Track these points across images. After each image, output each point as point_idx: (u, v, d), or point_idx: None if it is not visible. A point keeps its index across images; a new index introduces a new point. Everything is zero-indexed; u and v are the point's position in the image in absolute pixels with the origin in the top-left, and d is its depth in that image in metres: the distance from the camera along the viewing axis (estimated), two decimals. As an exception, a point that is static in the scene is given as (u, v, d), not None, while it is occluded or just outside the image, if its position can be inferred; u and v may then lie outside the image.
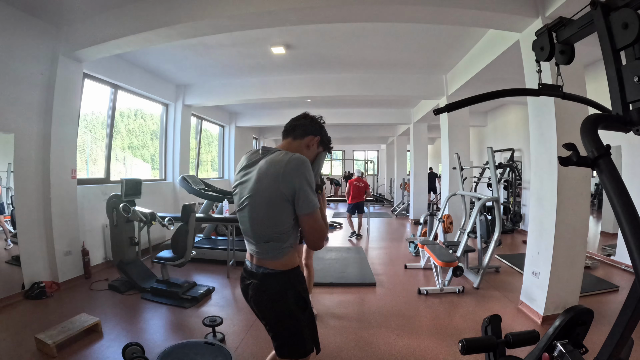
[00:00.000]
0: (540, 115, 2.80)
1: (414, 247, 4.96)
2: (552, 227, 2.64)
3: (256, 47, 4.30)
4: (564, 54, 1.12)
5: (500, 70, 3.98)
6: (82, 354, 2.25)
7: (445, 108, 1.05)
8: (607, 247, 4.81)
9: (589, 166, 0.73)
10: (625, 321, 0.79)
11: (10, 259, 3.17)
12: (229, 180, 8.80)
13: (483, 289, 3.50)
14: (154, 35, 3.17)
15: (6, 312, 2.87)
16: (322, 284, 3.68)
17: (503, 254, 4.86)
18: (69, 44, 3.44)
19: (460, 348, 1.07)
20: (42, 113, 3.41)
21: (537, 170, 2.88)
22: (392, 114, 8.41)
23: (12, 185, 3.16)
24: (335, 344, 2.40)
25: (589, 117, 0.77)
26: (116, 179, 4.61)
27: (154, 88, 5.35)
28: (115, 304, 3.11)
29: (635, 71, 0.75)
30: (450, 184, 5.37)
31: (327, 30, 3.75)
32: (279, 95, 5.73)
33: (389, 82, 5.42)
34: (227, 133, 8.92)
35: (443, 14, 2.78)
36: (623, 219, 0.65)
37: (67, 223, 3.64)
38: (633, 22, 0.74)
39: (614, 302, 3.12)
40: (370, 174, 15.89)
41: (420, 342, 2.43)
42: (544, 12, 2.62)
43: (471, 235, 3.88)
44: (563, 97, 1.10)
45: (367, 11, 2.78)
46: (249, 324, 2.71)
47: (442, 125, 5.54)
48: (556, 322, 1.00)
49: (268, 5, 2.75)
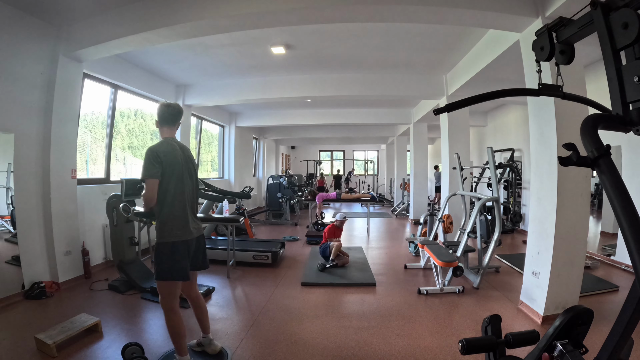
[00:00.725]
0: (540, 115, 2.80)
1: (414, 247, 4.96)
2: (552, 227, 2.64)
3: (256, 47, 4.30)
4: (564, 54, 1.12)
5: (500, 70, 3.98)
6: (82, 354, 2.25)
7: (445, 108, 1.05)
8: (607, 247, 4.81)
9: (589, 166, 0.73)
10: (625, 321, 0.79)
11: (10, 259, 3.17)
12: (228, 180, 8.81)
13: (483, 289, 3.50)
14: (154, 35, 3.17)
15: (6, 312, 2.87)
16: (322, 284, 3.68)
17: (503, 254, 4.86)
18: (69, 44, 3.44)
19: (460, 348, 1.07)
20: (42, 113, 3.41)
21: (537, 170, 2.88)
22: (392, 114, 8.41)
23: (12, 185, 3.16)
24: (335, 344, 2.40)
25: (589, 117, 0.77)
26: (116, 179, 4.61)
27: (154, 88, 5.35)
28: (115, 304, 3.11)
29: (635, 71, 0.75)
30: (450, 184, 5.37)
31: (327, 30, 3.75)
32: (279, 95, 5.73)
33: (389, 82, 5.42)
34: (227, 133, 8.93)
35: (443, 14, 2.78)
36: (623, 219, 0.65)
37: (67, 223, 3.64)
38: (633, 22, 0.74)
39: (614, 302, 3.12)
40: (370, 174, 15.90)
41: (420, 342, 2.43)
42: (544, 12, 2.62)
43: (471, 235, 3.88)
44: (563, 97, 1.10)
45: (367, 11, 2.78)
46: (249, 324, 2.72)
47: (442, 125, 5.53)
48: (556, 322, 1.00)
49: (268, 5, 2.75)
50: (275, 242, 4.93)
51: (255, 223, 7.78)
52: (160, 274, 1.93)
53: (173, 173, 1.94)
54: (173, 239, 1.93)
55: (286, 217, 8.04)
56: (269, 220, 8.13)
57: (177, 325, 1.95)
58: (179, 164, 1.98)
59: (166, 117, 2.05)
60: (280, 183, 8.31)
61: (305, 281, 3.72)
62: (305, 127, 10.38)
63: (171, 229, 1.93)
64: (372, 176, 15.70)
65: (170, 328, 1.96)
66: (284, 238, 5.90)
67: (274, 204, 8.37)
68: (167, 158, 1.92)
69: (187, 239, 1.98)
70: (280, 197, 8.10)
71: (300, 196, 8.58)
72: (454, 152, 4.92)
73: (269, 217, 8.45)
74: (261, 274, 4.04)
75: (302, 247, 5.47)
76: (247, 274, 4.01)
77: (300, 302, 3.19)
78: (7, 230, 3.19)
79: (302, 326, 2.69)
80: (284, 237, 6.02)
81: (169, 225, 1.93)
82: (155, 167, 1.86)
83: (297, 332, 2.58)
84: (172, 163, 1.94)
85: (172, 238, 1.92)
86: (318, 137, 11.94)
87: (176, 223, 1.95)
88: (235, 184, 8.84)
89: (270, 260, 4.28)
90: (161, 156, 1.89)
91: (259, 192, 10.80)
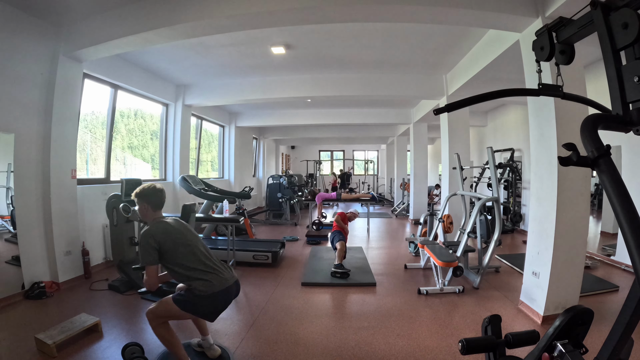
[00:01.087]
0: (540, 115, 2.79)
1: (414, 247, 4.96)
2: (552, 227, 2.64)
3: (256, 47, 4.30)
4: (564, 54, 1.12)
5: (500, 70, 3.98)
6: (82, 354, 2.25)
7: (445, 108, 1.05)
8: (607, 247, 4.81)
9: (589, 166, 0.73)
10: (625, 321, 0.79)
11: (10, 259, 3.17)
12: (229, 180, 8.81)
13: (483, 289, 3.50)
14: (154, 35, 3.17)
15: (6, 312, 2.87)
16: (323, 284, 3.68)
17: (503, 254, 4.86)
18: (69, 44, 3.44)
19: (460, 348, 1.07)
20: (42, 113, 3.41)
21: (537, 170, 2.88)
22: (392, 114, 8.41)
23: (12, 185, 3.16)
24: (335, 344, 2.40)
25: (589, 117, 0.77)
26: (116, 179, 4.61)
27: (154, 88, 5.35)
28: (115, 304, 3.11)
29: (635, 71, 0.75)
30: (450, 184, 5.37)
31: (327, 30, 3.75)
32: (279, 95, 5.72)
33: (389, 82, 5.42)
34: (227, 133, 8.93)
35: (443, 14, 2.78)
36: (623, 219, 0.65)
37: (67, 223, 3.64)
38: (633, 22, 0.74)
39: (614, 302, 3.12)
40: (370, 174, 15.90)
41: (420, 342, 2.43)
42: (544, 12, 2.62)
43: (471, 235, 3.88)
44: (563, 97, 1.10)
45: (367, 11, 2.78)
46: (249, 324, 2.72)
47: (442, 125, 5.53)
48: (556, 322, 1.01)
49: (268, 5, 2.75)
50: (275, 242, 4.93)
51: (255, 223, 7.78)
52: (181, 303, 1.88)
53: (175, 243, 1.92)
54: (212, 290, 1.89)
55: (286, 217, 8.04)
56: (269, 220, 8.13)
57: (168, 336, 1.92)
58: (175, 232, 1.97)
59: (156, 201, 2.04)
60: (280, 183, 8.31)
61: (305, 281, 3.72)
62: (305, 127, 10.38)
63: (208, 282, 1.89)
64: (372, 176, 15.69)
65: (163, 340, 1.92)
66: (284, 238, 5.90)
67: (274, 204, 8.37)
68: (162, 236, 1.90)
69: (226, 286, 1.95)
70: (280, 197, 8.10)
71: (300, 196, 8.58)
72: (454, 152, 4.92)
73: (269, 217, 8.45)
74: (261, 274, 4.04)
75: (302, 247, 5.47)
76: (247, 274, 4.01)
77: (300, 302, 3.19)
78: (7, 230, 3.19)
79: (302, 326, 2.69)
80: (284, 237, 6.02)
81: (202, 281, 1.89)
82: (152, 254, 1.85)
83: (297, 332, 2.58)
84: (169, 237, 1.92)
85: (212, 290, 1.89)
86: (318, 137, 11.93)
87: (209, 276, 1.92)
88: (235, 184, 8.84)
89: (270, 260, 4.28)
90: (156, 239, 1.87)
91: (259, 192, 10.80)
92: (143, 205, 2.03)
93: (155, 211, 2.05)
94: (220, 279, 1.95)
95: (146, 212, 2.04)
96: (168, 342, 1.92)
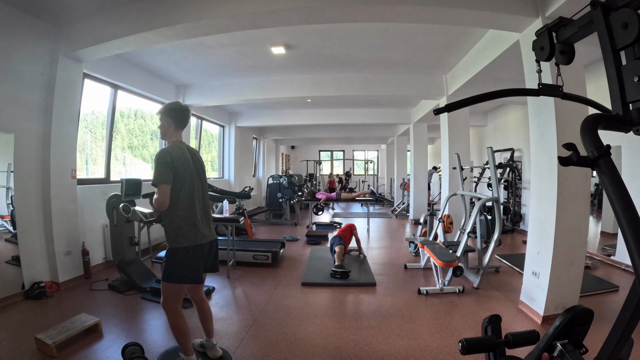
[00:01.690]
0: (540, 115, 2.80)
1: (414, 247, 4.96)
2: (552, 227, 2.64)
3: (256, 47, 4.30)
4: (564, 54, 1.12)
5: (500, 70, 3.98)
6: (82, 354, 2.25)
7: (445, 108, 1.05)
8: (607, 247, 4.81)
9: (589, 166, 0.73)
10: (625, 321, 0.79)
11: (10, 259, 3.17)
12: (228, 180, 8.81)
13: (483, 289, 3.50)
14: (154, 35, 3.17)
15: (6, 312, 2.87)
16: (323, 284, 3.68)
17: (503, 254, 4.86)
18: (69, 44, 3.44)
19: (460, 348, 1.07)
20: (42, 113, 3.41)
21: (537, 170, 2.88)
22: (392, 114, 8.41)
23: (12, 185, 3.16)
24: (335, 344, 2.40)
25: (589, 117, 0.77)
26: (116, 179, 4.61)
27: (154, 88, 5.35)
28: (115, 304, 3.11)
29: (635, 71, 0.75)
30: (450, 184, 5.37)
31: (327, 30, 3.75)
32: (279, 95, 5.72)
33: (389, 82, 5.42)
34: (227, 133, 8.93)
35: (443, 14, 2.78)
36: (623, 219, 0.65)
37: (67, 223, 3.63)
38: (633, 22, 0.74)
39: (614, 302, 3.12)
40: (370, 174, 15.90)
41: (420, 342, 2.43)
42: (544, 12, 2.62)
43: (471, 235, 3.88)
44: (563, 97, 1.10)
45: (367, 11, 2.78)
46: (249, 324, 2.72)
47: (442, 125, 5.53)
48: (556, 322, 1.00)
49: (268, 5, 2.75)
50: (275, 242, 4.92)
51: (255, 223, 7.78)
52: (169, 276, 1.91)
53: (184, 177, 1.92)
54: (186, 244, 1.90)
55: (286, 217, 8.04)
56: (269, 220, 8.13)
57: (181, 327, 1.94)
58: (190, 168, 1.97)
59: (180, 118, 2.02)
60: (280, 183, 8.31)
61: (305, 281, 3.72)
62: (305, 127, 10.38)
63: (183, 233, 1.90)
64: (372, 176, 15.69)
65: (175, 329, 1.94)
66: (284, 238, 5.90)
67: (274, 204, 8.37)
68: (179, 162, 1.89)
69: (201, 243, 1.96)
70: (280, 197, 8.10)
71: (300, 196, 8.58)
72: (454, 152, 4.92)
73: (269, 217, 8.45)
74: (261, 274, 4.04)
75: (302, 247, 5.47)
76: (247, 274, 4.01)
77: (300, 302, 3.19)
78: (7, 230, 3.19)
79: (302, 326, 2.69)
80: (284, 237, 6.01)
81: (181, 230, 1.90)
82: (168, 172, 1.84)
83: (297, 332, 2.58)
84: (183, 167, 1.92)
85: (185, 243, 1.90)
86: (318, 137, 11.93)
87: (188, 228, 1.92)
88: (235, 184, 8.84)
89: (270, 260, 4.28)
90: (173, 161, 1.87)
91: (259, 192, 10.80)
92: (167, 120, 2.00)
93: (177, 130, 2.03)
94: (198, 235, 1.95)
95: (168, 128, 2.01)
96: (181, 333, 1.94)
